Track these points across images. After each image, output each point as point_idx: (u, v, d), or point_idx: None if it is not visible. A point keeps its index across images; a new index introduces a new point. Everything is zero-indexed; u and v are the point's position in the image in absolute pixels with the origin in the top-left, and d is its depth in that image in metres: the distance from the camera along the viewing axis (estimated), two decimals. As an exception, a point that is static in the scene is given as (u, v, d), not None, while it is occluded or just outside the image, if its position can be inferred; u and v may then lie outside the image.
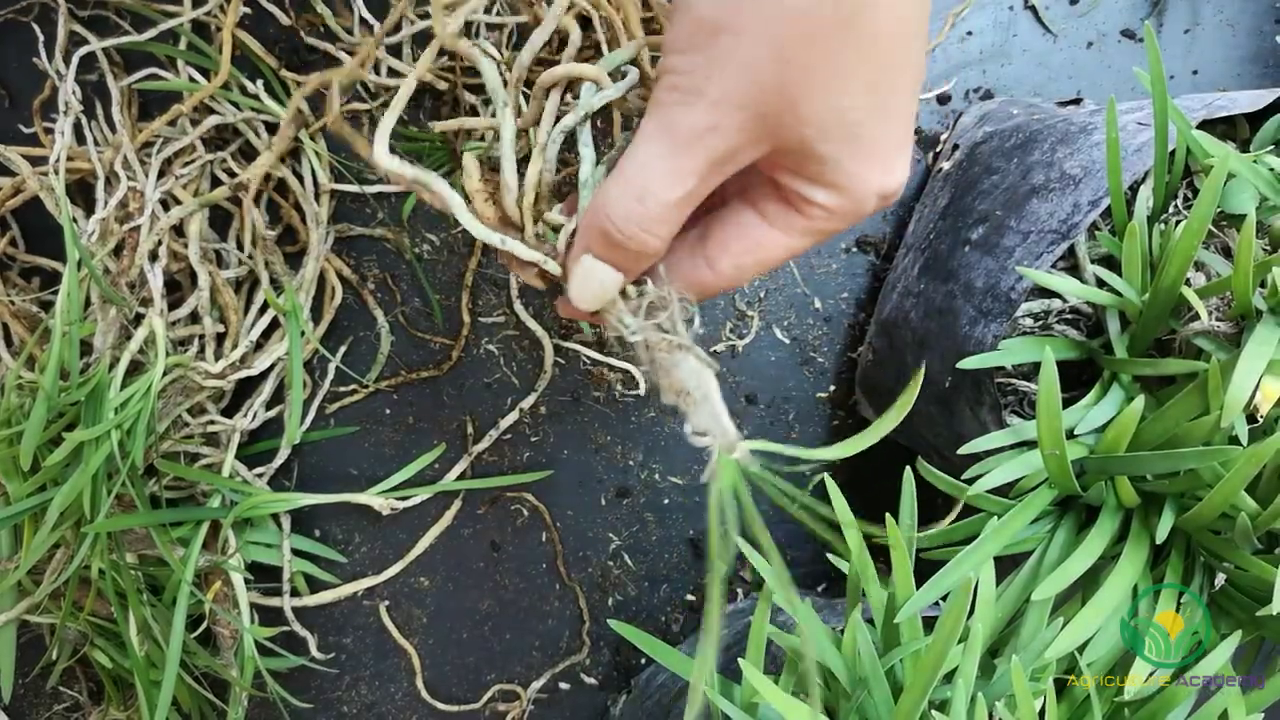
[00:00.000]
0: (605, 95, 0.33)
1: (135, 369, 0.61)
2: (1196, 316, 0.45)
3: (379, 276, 0.69)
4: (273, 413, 0.68)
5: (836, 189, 0.30)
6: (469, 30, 0.63)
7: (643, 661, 0.71)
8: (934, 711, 0.38)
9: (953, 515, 0.46)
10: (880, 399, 0.67)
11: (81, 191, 0.65)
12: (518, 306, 0.69)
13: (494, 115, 0.34)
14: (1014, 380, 0.52)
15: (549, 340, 0.69)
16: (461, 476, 0.69)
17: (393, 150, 0.33)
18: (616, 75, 0.35)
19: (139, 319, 0.62)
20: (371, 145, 0.32)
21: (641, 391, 0.70)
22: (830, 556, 0.49)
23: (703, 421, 0.33)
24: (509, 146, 0.33)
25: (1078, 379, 0.51)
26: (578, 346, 0.69)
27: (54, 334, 0.57)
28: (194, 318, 0.65)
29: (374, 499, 0.67)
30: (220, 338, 0.66)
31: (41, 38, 0.65)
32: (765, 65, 0.27)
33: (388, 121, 0.33)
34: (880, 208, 0.31)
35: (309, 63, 0.67)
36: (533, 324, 0.69)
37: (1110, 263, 0.50)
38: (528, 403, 0.70)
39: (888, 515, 0.42)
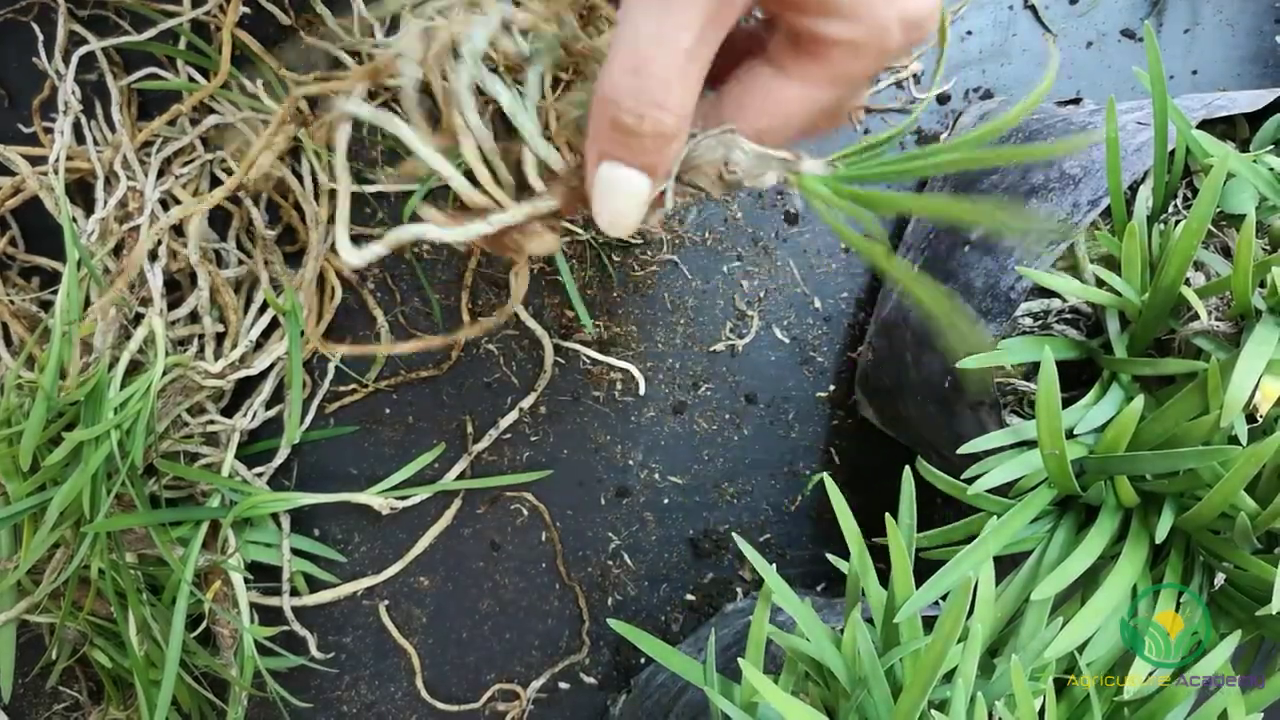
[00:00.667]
0: (483, 25, 0.29)
1: (135, 369, 0.61)
2: (1196, 316, 0.45)
3: (378, 276, 0.69)
4: (272, 412, 0.68)
5: (851, 15, 0.26)
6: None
7: (642, 661, 0.71)
8: (933, 711, 0.38)
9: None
10: (880, 399, 0.67)
11: (81, 191, 0.65)
12: (517, 306, 0.69)
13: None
14: (1013, 380, 0.52)
15: (549, 340, 0.69)
16: (461, 476, 0.69)
17: (393, 157, 0.32)
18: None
19: (138, 319, 0.62)
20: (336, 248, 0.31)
21: (642, 391, 0.70)
22: (830, 556, 0.49)
23: (753, 168, 0.29)
24: (442, 164, 0.30)
25: (1077, 379, 0.51)
26: (578, 346, 0.70)
27: (53, 333, 0.57)
28: (193, 317, 0.65)
29: (373, 498, 0.67)
30: (220, 337, 0.66)
31: (41, 37, 0.65)
32: None
33: (342, 228, 0.31)
34: (907, 43, 0.27)
35: (309, 62, 0.67)
36: (532, 323, 0.69)
37: (1110, 262, 0.50)
38: (527, 402, 0.70)
39: (887, 515, 0.42)
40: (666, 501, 0.71)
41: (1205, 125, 0.49)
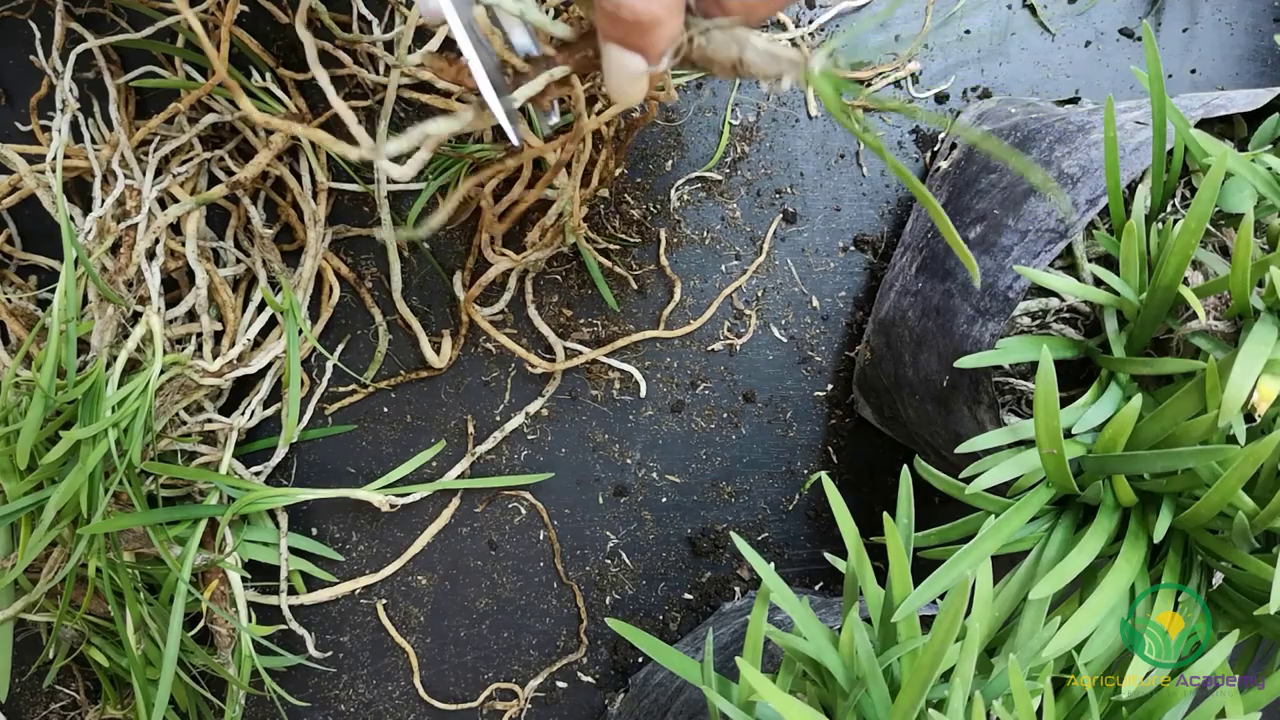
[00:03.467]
0: None
1: (133, 367, 0.61)
2: (1194, 315, 0.45)
3: (376, 275, 0.69)
4: (270, 411, 0.68)
5: None
6: None
7: (640, 660, 0.71)
8: (931, 710, 0.38)
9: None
10: (878, 398, 0.67)
11: (79, 189, 0.65)
12: (531, 311, 0.69)
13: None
14: (1011, 379, 0.52)
15: (560, 345, 0.69)
16: (460, 475, 0.69)
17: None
18: None
19: (136, 317, 0.62)
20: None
21: (643, 393, 0.70)
22: (828, 555, 0.49)
23: (766, 67, 0.32)
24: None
25: (1075, 378, 0.51)
26: (576, 345, 0.69)
27: (51, 332, 0.57)
28: (191, 316, 0.65)
29: (373, 495, 0.67)
30: (218, 336, 0.66)
31: (38, 35, 0.65)
32: None
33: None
34: None
35: (307, 60, 0.67)
36: (545, 329, 0.69)
37: (1108, 262, 0.50)
38: (534, 407, 0.70)
39: (885, 514, 0.42)
40: (664, 500, 0.71)
41: (1203, 124, 0.49)
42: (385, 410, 0.70)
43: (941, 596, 0.42)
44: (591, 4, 0.33)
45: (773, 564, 0.47)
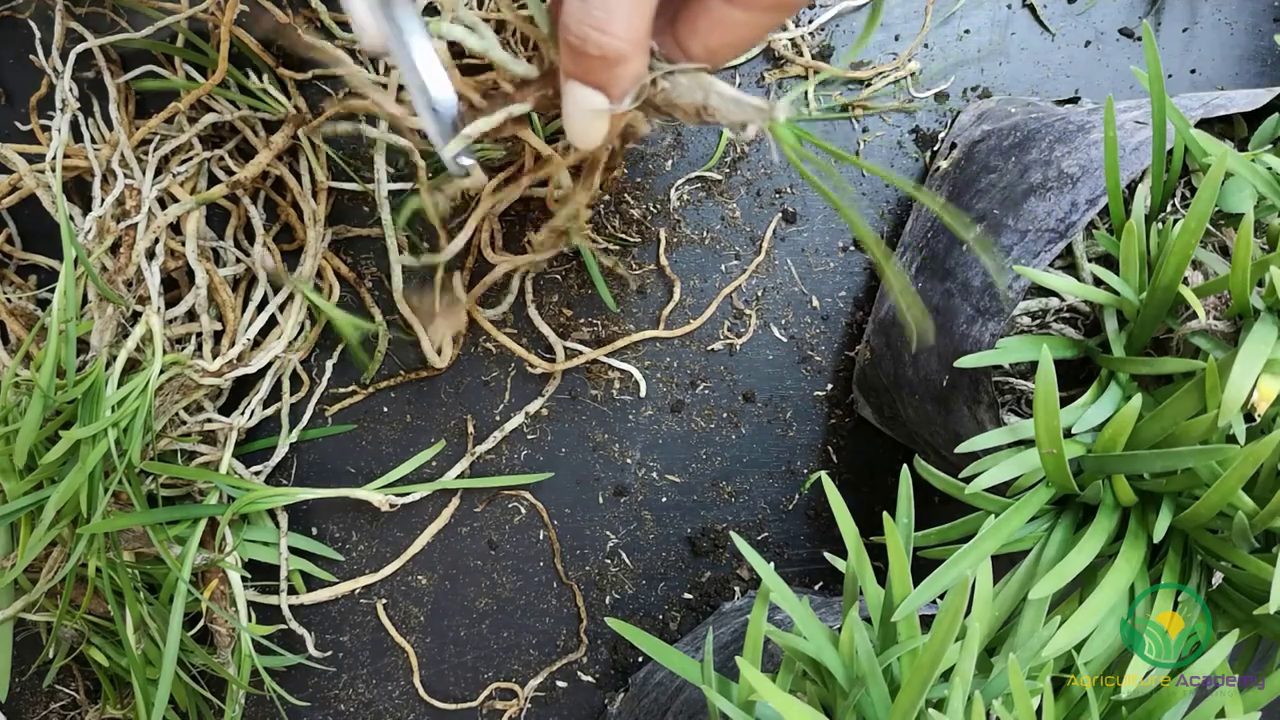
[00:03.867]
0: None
1: (132, 367, 0.60)
2: (1194, 315, 0.45)
3: (376, 275, 0.69)
4: (270, 410, 0.68)
5: None
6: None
7: (640, 660, 0.71)
8: (931, 710, 0.38)
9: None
10: (878, 397, 0.67)
11: (78, 189, 0.65)
12: (531, 311, 0.69)
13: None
14: (1011, 379, 0.52)
15: (560, 344, 0.69)
16: (460, 475, 0.69)
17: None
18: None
19: (136, 317, 0.62)
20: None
21: (643, 392, 0.70)
22: (827, 555, 0.49)
23: (731, 113, 0.32)
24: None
25: (1075, 378, 0.51)
26: (576, 345, 0.69)
27: (51, 332, 0.57)
28: (191, 315, 0.65)
29: (373, 494, 0.67)
30: (218, 336, 0.66)
31: (38, 35, 0.65)
32: None
33: None
34: None
35: (307, 60, 0.67)
36: (545, 329, 0.69)
37: (1108, 261, 0.50)
38: (534, 407, 0.70)
39: (885, 513, 0.42)
40: (664, 500, 0.71)
41: (1203, 124, 0.49)
42: (385, 410, 0.70)
43: (941, 596, 0.42)
44: (555, 40, 0.33)
45: (773, 564, 0.47)
